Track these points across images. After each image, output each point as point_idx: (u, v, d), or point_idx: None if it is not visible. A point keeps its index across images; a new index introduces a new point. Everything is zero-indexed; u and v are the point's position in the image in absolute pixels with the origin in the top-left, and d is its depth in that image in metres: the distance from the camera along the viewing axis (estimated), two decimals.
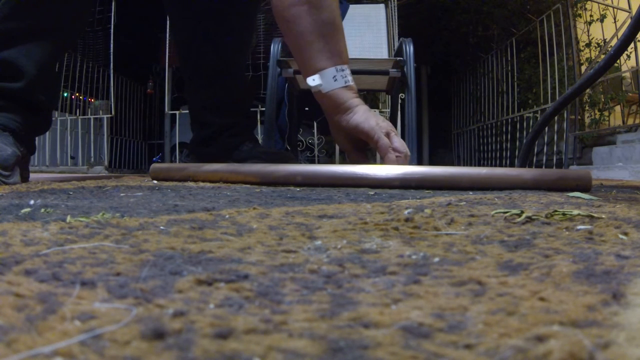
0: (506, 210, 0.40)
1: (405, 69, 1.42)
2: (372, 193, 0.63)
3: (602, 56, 2.76)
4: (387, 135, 0.85)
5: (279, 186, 0.74)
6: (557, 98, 1.95)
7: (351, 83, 0.88)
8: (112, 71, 3.62)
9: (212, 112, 1.21)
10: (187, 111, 1.33)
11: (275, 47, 1.49)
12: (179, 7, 1.21)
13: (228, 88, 1.21)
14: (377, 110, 3.10)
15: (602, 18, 3.16)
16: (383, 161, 0.86)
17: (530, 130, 2.07)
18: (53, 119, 2.24)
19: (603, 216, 0.37)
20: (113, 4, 3.64)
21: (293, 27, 0.87)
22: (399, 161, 0.83)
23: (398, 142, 0.84)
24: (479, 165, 4.15)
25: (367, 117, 0.86)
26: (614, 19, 2.99)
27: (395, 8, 2.85)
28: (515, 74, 3.69)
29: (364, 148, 0.94)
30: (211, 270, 0.21)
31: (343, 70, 0.87)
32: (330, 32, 0.86)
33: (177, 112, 3.36)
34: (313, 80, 0.87)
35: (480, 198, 0.54)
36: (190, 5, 1.18)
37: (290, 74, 1.47)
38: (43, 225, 0.32)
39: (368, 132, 0.85)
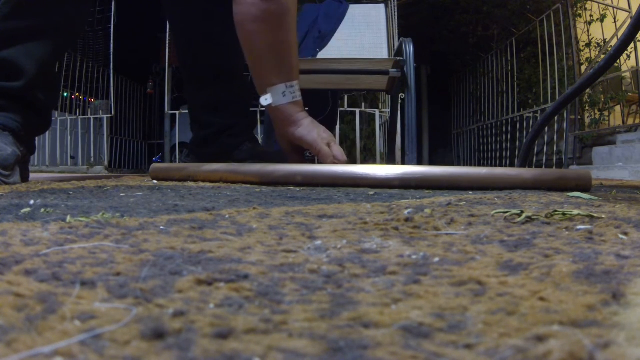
0: (506, 210, 0.40)
1: (405, 69, 1.42)
2: (372, 193, 0.63)
3: (602, 56, 2.76)
4: (328, 145, 0.95)
5: (279, 186, 0.74)
6: (557, 98, 1.95)
7: (298, 99, 0.96)
8: (112, 71, 3.62)
9: (211, 113, 1.21)
10: (187, 111, 1.33)
11: None
12: (179, 8, 1.21)
13: (227, 88, 1.21)
14: (377, 111, 3.10)
15: (602, 18, 3.16)
16: None
17: (530, 130, 2.07)
18: (53, 119, 2.24)
19: (603, 216, 0.37)
20: (113, 4, 3.64)
21: (250, 43, 0.94)
22: None
23: (337, 151, 0.95)
24: (479, 165, 4.15)
25: (310, 130, 0.96)
26: (614, 19, 2.99)
27: (395, 8, 2.84)
28: (515, 74, 3.69)
29: (304, 151, 1.04)
30: (211, 270, 0.21)
31: (292, 86, 0.95)
32: (284, 50, 0.93)
33: (177, 112, 3.35)
34: (265, 100, 0.96)
35: (480, 198, 0.54)
36: (189, 6, 1.18)
37: None
38: (43, 225, 0.32)
39: (311, 143, 0.95)
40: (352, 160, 3.02)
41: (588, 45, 3.31)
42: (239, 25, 0.93)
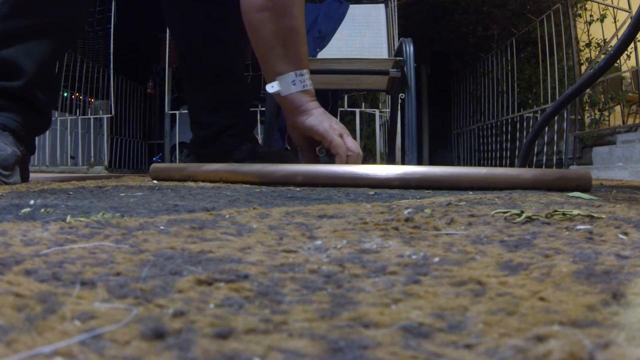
0: (506, 210, 0.40)
1: (405, 69, 1.42)
2: (372, 193, 0.63)
3: (602, 56, 2.76)
4: (340, 136, 0.91)
5: (279, 186, 0.74)
6: (557, 98, 1.95)
7: (309, 87, 0.93)
8: (112, 71, 3.63)
9: (211, 113, 1.21)
10: (187, 111, 1.33)
11: None
12: (179, 9, 1.21)
13: (227, 88, 1.21)
14: (377, 111, 3.10)
15: (602, 18, 3.16)
16: (336, 159, 0.91)
17: (530, 130, 2.07)
18: (53, 119, 2.24)
19: (603, 216, 0.37)
20: (113, 4, 3.64)
21: (257, 32, 0.91)
22: (351, 160, 0.89)
23: (350, 142, 0.91)
24: (479, 165, 4.15)
25: (321, 120, 0.92)
26: (614, 19, 2.99)
27: (395, 8, 2.85)
28: (515, 74, 3.70)
29: (316, 145, 1.00)
30: (211, 270, 0.21)
31: (302, 75, 0.92)
32: (292, 38, 0.91)
33: (177, 112, 3.36)
34: (272, 87, 0.92)
35: (480, 198, 0.54)
36: (189, 6, 1.18)
37: None
38: (43, 225, 0.32)
39: (322, 133, 0.91)
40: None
41: (588, 45, 3.31)
42: (245, 14, 0.92)
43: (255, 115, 2.83)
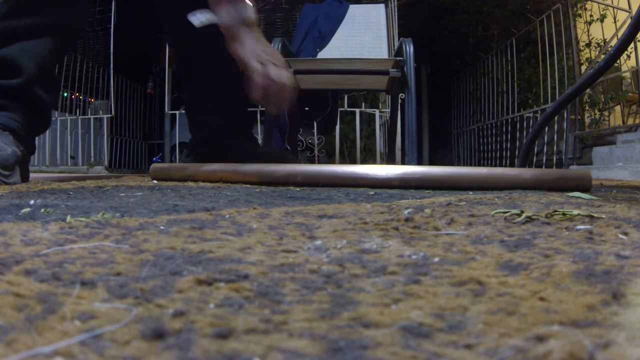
0: (506, 210, 0.40)
1: (405, 69, 1.42)
2: (372, 193, 0.63)
3: (602, 56, 2.76)
4: (265, 64, 0.85)
5: (279, 186, 0.74)
6: (557, 98, 1.95)
7: (248, 19, 0.90)
8: (112, 71, 3.63)
9: (210, 113, 1.21)
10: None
11: (274, 47, 1.49)
12: (176, 8, 1.21)
13: (226, 88, 1.21)
14: (377, 111, 3.09)
15: (602, 18, 3.16)
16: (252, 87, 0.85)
17: (530, 130, 2.07)
18: (53, 119, 2.24)
19: (603, 216, 0.37)
20: (113, 4, 3.64)
21: None
22: (271, 89, 0.83)
23: (273, 71, 0.85)
24: (479, 165, 4.15)
25: (246, 45, 0.88)
26: (614, 19, 2.99)
27: (395, 8, 2.85)
28: (515, 74, 3.69)
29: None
30: (211, 270, 0.21)
31: (240, 7, 0.89)
32: None
33: (177, 112, 3.36)
34: (195, 18, 0.90)
35: (480, 198, 0.54)
36: (188, 7, 1.18)
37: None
38: (43, 225, 0.32)
39: (242, 58, 0.87)
40: (352, 161, 3.00)
41: (588, 45, 3.31)
42: None
43: (255, 115, 2.83)
